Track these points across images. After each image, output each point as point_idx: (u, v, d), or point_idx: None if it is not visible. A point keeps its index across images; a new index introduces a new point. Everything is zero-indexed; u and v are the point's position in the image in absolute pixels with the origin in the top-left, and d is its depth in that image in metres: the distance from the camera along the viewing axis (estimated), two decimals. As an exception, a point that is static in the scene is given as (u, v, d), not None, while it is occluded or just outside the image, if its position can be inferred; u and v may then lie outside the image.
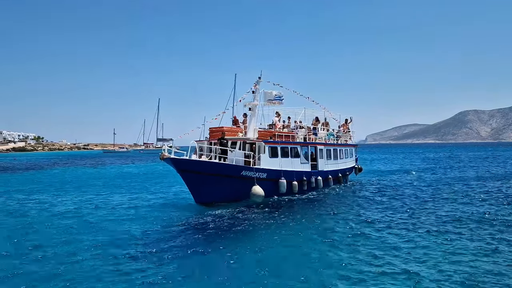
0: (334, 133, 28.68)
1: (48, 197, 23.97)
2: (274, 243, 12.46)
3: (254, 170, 19.91)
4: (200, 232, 13.86)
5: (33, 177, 40.52)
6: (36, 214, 18.05)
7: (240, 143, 21.41)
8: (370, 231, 13.75)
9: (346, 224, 14.93)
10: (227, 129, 22.65)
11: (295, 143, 23.43)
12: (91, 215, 17.52)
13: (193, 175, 18.66)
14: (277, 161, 21.68)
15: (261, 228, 14.53)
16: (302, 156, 23.82)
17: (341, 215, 16.75)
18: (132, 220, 16.28)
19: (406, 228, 14.07)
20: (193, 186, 19.09)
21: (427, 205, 18.78)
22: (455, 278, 9.21)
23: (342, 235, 13.28)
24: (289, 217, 16.45)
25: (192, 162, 18.53)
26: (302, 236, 13.33)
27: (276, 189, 21.19)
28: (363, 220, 15.57)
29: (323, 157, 25.62)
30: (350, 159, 30.08)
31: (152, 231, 14.24)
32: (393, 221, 15.36)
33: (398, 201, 20.30)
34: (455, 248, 11.50)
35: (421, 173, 37.44)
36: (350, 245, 12.04)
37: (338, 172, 26.95)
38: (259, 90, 23.59)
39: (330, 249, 11.71)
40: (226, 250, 11.62)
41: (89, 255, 11.24)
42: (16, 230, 14.75)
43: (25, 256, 11.23)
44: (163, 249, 11.80)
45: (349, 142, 30.84)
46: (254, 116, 23.00)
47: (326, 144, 26.39)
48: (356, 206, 18.80)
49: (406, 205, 18.86)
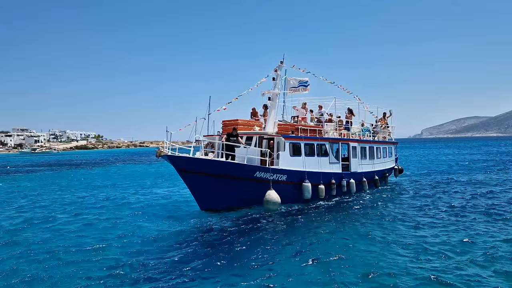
0: (371, 128, 24.62)
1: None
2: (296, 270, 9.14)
3: (270, 171, 16.38)
4: (199, 251, 10.61)
5: (109, 172, 42.88)
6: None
7: (256, 138, 17.97)
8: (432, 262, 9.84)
9: (389, 247, 11.09)
10: (242, 122, 19.33)
11: (322, 139, 19.68)
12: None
13: (195, 176, 15.38)
14: (300, 161, 18.04)
15: (279, 247, 11.10)
16: (332, 155, 20.03)
17: (380, 229, 12.95)
18: (113, 240, 13.21)
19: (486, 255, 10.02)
20: (196, 190, 15.87)
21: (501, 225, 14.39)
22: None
23: (391, 264, 9.54)
24: (314, 230, 13.03)
25: (194, 161, 15.27)
26: (335, 265, 9.71)
27: (299, 194, 17.62)
28: (416, 243, 11.60)
29: (357, 156, 21.70)
30: (389, 159, 25.90)
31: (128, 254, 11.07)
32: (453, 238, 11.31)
33: (456, 212, 16.07)
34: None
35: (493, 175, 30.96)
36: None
37: (375, 173, 22.91)
38: (280, 77, 19.99)
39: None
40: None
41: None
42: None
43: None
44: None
45: (388, 139, 26.67)
46: (275, 107, 19.46)
47: (360, 141, 22.44)
48: (400, 220, 14.80)
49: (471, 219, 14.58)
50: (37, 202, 20.90)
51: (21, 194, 24.38)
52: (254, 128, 18.96)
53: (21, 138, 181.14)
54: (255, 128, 18.95)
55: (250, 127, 19.30)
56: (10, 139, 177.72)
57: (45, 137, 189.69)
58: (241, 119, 19.63)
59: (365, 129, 24.00)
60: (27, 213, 17.52)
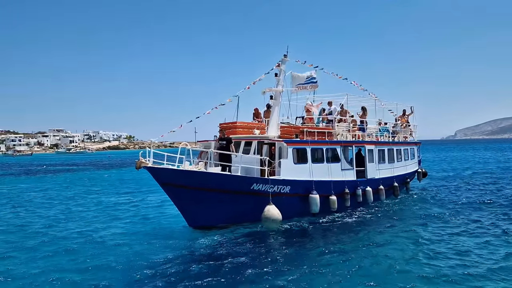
0: (390, 127, 21.87)
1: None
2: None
3: (270, 182, 13.97)
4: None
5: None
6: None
7: (255, 144, 15.60)
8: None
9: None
10: (241, 124, 17.04)
11: (333, 142, 17.14)
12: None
13: (180, 190, 13.12)
14: (306, 168, 15.60)
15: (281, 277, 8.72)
16: (344, 160, 17.46)
17: (405, 251, 10.42)
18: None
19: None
20: (182, 205, 13.59)
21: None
22: None
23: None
24: (328, 252, 10.74)
25: (177, 173, 12.99)
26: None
27: (305, 208, 15.19)
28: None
29: (374, 160, 19.04)
30: (411, 161, 23.07)
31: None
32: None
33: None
34: None
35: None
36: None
37: (394, 179, 20.14)
38: (284, 73, 17.55)
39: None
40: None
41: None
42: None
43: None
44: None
45: (410, 139, 23.87)
46: (277, 105, 17.04)
47: (378, 142, 19.76)
48: (426, 238, 12.16)
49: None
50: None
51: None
52: (254, 132, 16.58)
53: (57, 138, 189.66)
54: (255, 132, 16.58)
55: (250, 130, 16.96)
56: (46, 139, 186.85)
57: (79, 138, 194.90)
58: (240, 121, 17.35)
59: (383, 128, 21.30)
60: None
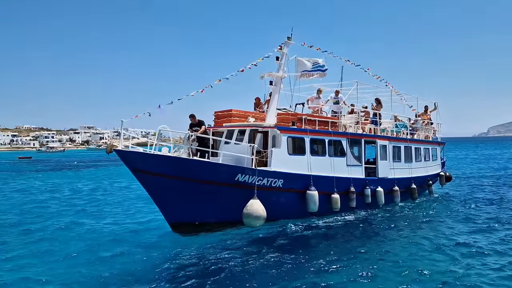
0: (408, 124, 19.59)
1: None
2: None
3: (257, 173, 12.17)
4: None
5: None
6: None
7: (249, 131, 13.89)
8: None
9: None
10: (236, 112, 15.43)
11: (337, 133, 15.17)
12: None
13: (152, 178, 11.51)
14: (303, 161, 13.73)
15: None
16: (350, 155, 15.44)
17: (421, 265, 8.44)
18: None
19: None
20: (156, 197, 11.98)
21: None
22: None
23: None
24: (325, 264, 9.17)
25: (149, 158, 11.38)
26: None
27: (302, 206, 13.29)
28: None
29: (387, 158, 16.89)
30: (432, 163, 20.66)
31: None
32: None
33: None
34: None
35: None
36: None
37: (412, 181, 17.85)
38: (287, 57, 15.72)
39: None
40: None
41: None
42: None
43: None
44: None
45: (433, 138, 21.47)
46: (277, 93, 15.24)
47: (392, 138, 17.59)
48: (456, 255, 10.05)
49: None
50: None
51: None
52: (248, 120, 14.87)
53: (87, 135, 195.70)
54: (249, 120, 14.86)
55: (246, 119, 15.27)
56: (78, 136, 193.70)
57: (109, 134, 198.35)
58: (235, 109, 15.68)
59: (401, 124, 19.07)
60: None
